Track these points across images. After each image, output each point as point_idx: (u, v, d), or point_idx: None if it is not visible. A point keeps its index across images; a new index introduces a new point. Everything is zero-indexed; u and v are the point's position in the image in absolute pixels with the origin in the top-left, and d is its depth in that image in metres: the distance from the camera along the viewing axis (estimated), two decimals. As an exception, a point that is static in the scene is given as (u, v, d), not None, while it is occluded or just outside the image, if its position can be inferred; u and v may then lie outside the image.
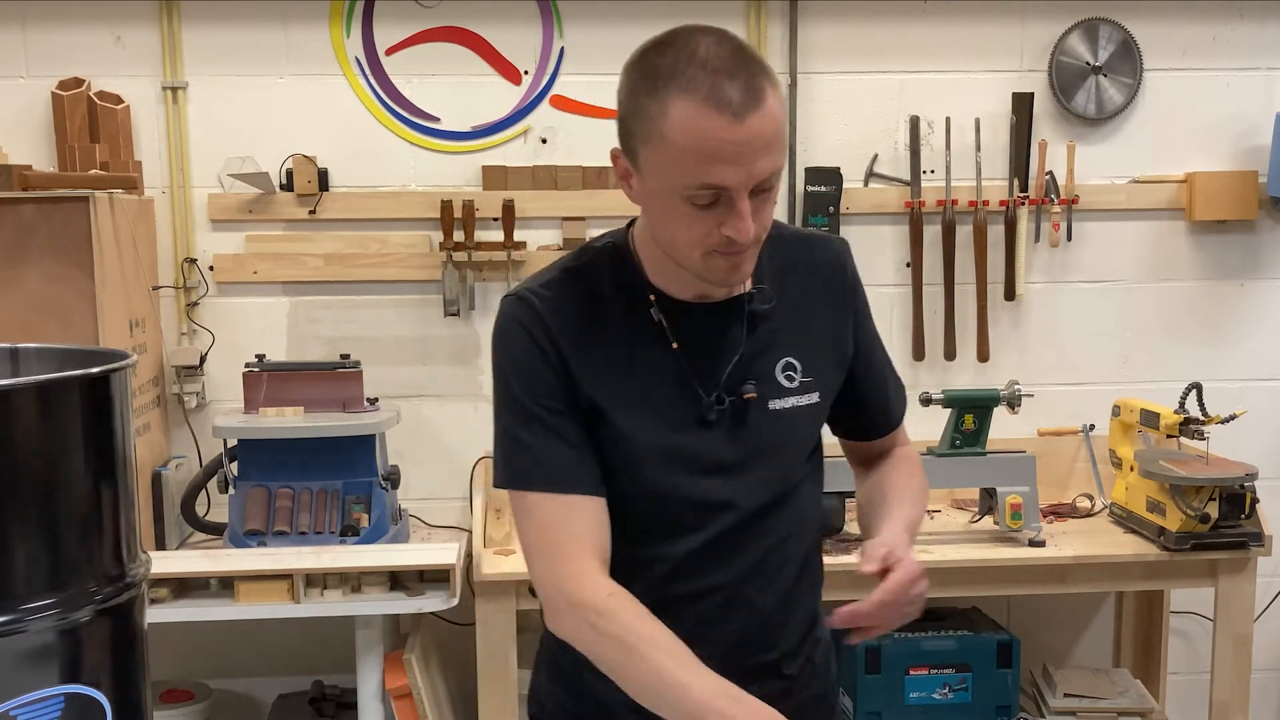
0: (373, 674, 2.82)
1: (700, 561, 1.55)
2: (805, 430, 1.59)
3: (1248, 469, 2.84)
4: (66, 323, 2.72)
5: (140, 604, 1.46)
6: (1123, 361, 3.43)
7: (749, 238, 1.39)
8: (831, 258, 1.64)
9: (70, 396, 1.35)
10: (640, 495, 1.53)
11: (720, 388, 1.52)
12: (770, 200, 1.43)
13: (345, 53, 3.23)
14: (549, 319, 1.51)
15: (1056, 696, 3.19)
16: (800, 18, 3.21)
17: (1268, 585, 3.32)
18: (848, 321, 1.63)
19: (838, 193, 3.27)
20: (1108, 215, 3.38)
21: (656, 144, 1.38)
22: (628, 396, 1.51)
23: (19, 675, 1.30)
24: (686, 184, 1.37)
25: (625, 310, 1.53)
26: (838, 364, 1.62)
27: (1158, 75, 3.35)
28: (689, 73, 1.35)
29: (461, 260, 3.22)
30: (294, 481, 2.96)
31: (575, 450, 1.51)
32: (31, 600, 1.30)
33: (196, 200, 3.24)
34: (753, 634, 1.59)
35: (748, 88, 1.34)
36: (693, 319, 1.53)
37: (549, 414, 1.50)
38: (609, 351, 1.52)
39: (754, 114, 1.34)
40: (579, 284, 1.54)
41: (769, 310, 1.56)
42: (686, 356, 1.52)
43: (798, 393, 1.56)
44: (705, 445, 1.53)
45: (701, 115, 1.33)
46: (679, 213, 1.40)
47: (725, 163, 1.35)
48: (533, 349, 1.50)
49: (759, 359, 1.55)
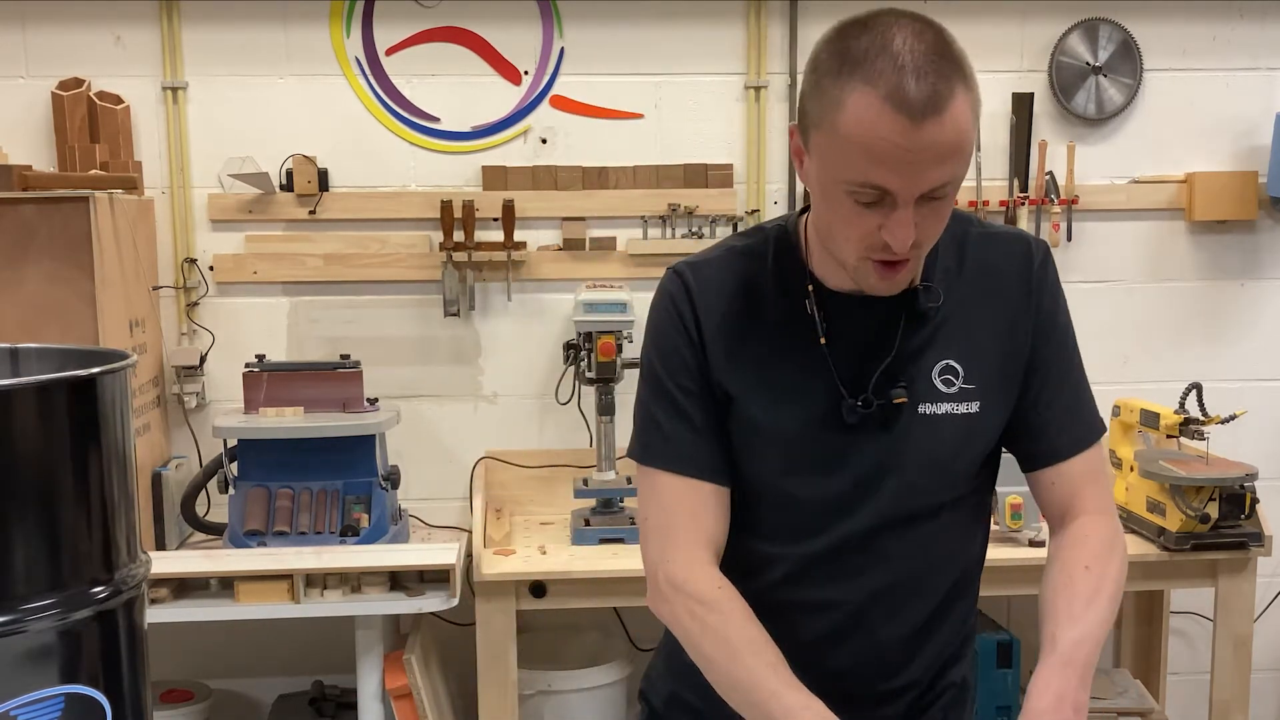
0: (373, 674, 2.82)
1: (817, 571, 1.48)
2: (959, 443, 1.46)
3: (1248, 469, 2.84)
4: (66, 323, 2.72)
5: (140, 604, 1.46)
6: (1123, 361, 3.43)
7: (906, 246, 1.30)
8: (1017, 256, 1.49)
9: (70, 397, 1.35)
10: (762, 489, 1.48)
11: (868, 389, 1.44)
12: (942, 210, 1.33)
13: (345, 53, 3.23)
14: (699, 297, 1.47)
15: (1056, 696, 3.18)
16: (800, 18, 3.22)
17: (1268, 585, 3.32)
18: (1026, 326, 1.48)
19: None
20: (1108, 215, 3.38)
21: (828, 131, 1.30)
22: (765, 386, 1.46)
23: (19, 675, 1.30)
24: (851, 179, 1.29)
25: (781, 297, 1.47)
26: (1009, 374, 1.48)
27: (1158, 75, 3.35)
28: (877, 65, 1.25)
29: (461, 260, 3.22)
30: (294, 481, 2.96)
31: (701, 434, 1.47)
32: (31, 600, 1.30)
33: (196, 200, 3.24)
34: (869, 665, 1.51)
35: (934, 90, 1.24)
36: (849, 313, 1.45)
37: (682, 393, 1.48)
38: (756, 338, 1.47)
39: (933, 120, 1.24)
40: (740, 264, 1.49)
41: (933, 310, 1.45)
42: (835, 352, 1.44)
43: (954, 399, 1.45)
44: (839, 447, 1.44)
45: (877, 112, 1.25)
46: (840, 205, 1.32)
47: (892, 167, 1.26)
48: (676, 325, 1.48)
49: (915, 360, 1.45)
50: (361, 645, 2.81)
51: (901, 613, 1.50)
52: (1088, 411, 1.53)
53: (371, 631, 2.80)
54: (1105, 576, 1.46)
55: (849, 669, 1.51)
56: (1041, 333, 1.49)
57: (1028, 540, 2.88)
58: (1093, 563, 1.47)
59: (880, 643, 1.50)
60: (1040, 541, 2.89)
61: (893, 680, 1.53)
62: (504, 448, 3.26)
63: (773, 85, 3.27)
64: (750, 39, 3.24)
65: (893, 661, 1.52)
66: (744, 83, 3.27)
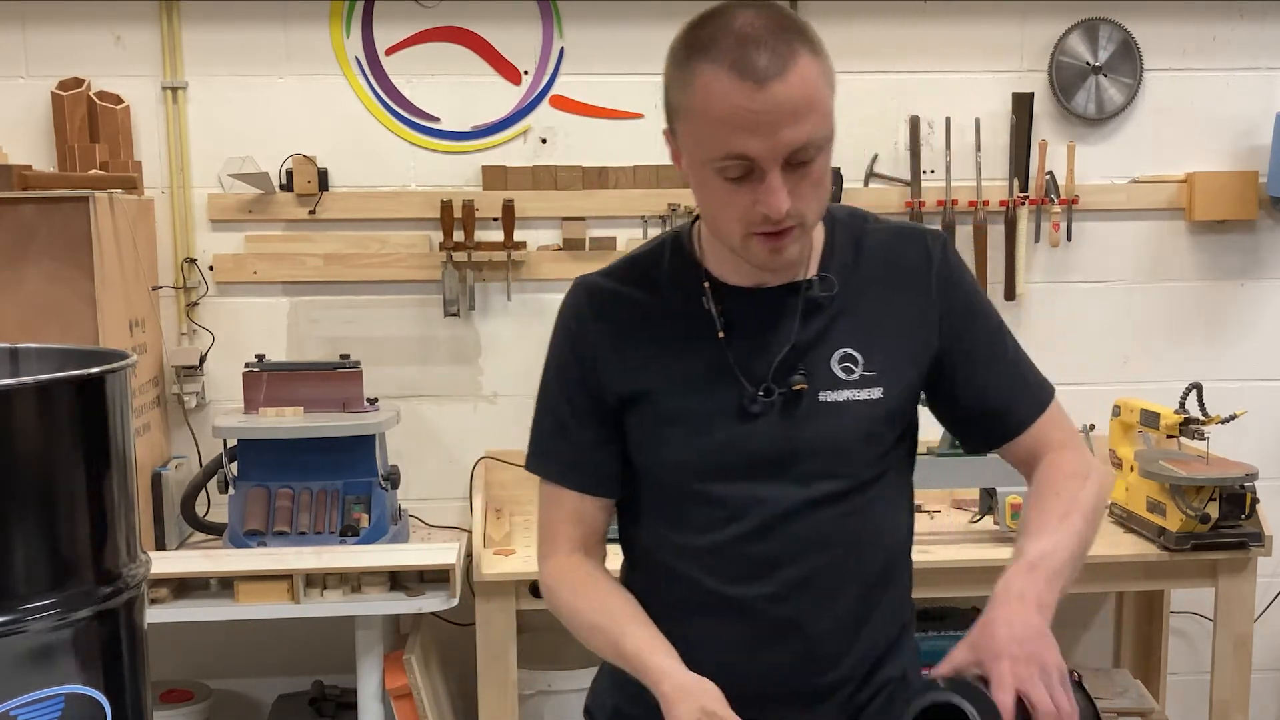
0: (373, 674, 2.82)
1: (737, 564, 1.49)
2: (863, 427, 1.48)
3: (1248, 469, 2.84)
4: (66, 323, 2.72)
5: (140, 604, 1.46)
6: (1123, 361, 3.43)
7: (780, 212, 1.34)
8: (918, 249, 1.53)
9: (70, 397, 1.35)
10: (675, 484, 1.51)
11: (768, 378, 1.47)
12: (811, 176, 1.36)
13: (345, 53, 3.23)
14: (594, 308, 1.53)
15: (1056, 696, 3.18)
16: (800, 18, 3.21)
17: (1268, 585, 3.32)
18: (932, 317, 1.51)
19: (838, 193, 3.27)
20: (1108, 215, 3.38)
21: (686, 116, 1.36)
22: (670, 383, 1.49)
23: (19, 675, 1.30)
24: (714, 155, 1.34)
25: (679, 297, 1.51)
26: (914, 362, 1.51)
27: (1158, 75, 3.35)
28: (721, 43, 1.32)
29: (461, 260, 3.22)
30: (294, 481, 2.96)
31: (583, 448, 1.54)
32: (31, 600, 1.30)
33: (196, 200, 3.24)
34: (800, 661, 1.51)
35: (775, 53, 1.30)
36: (746, 307, 1.49)
37: (568, 406, 1.54)
38: (658, 340, 1.51)
39: (778, 80, 1.30)
40: (639, 271, 1.55)
41: (828, 299, 1.49)
42: (735, 345, 1.48)
43: (855, 386, 1.48)
44: (746, 436, 1.47)
45: (723, 82, 1.31)
46: (714, 188, 1.37)
47: (748, 131, 1.31)
48: (568, 339, 1.55)
49: (814, 349, 1.48)
50: (361, 645, 2.81)
51: (827, 604, 1.50)
52: (1034, 379, 1.57)
53: (371, 631, 2.80)
54: (1076, 499, 1.47)
55: (780, 667, 1.50)
56: (960, 321, 1.53)
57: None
58: (1062, 488, 1.48)
59: (809, 637, 1.50)
60: (1040, 541, 2.88)
61: (826, 675, 1.52)
62: (504, 448, 3.26)
63: (773, 85, 3.27)
64: (750, 39, 3.23)
65: (824, 656, 1.51)
66: (744, 83, 3.26)
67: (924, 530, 2.99)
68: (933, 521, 3.11)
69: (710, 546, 1.49)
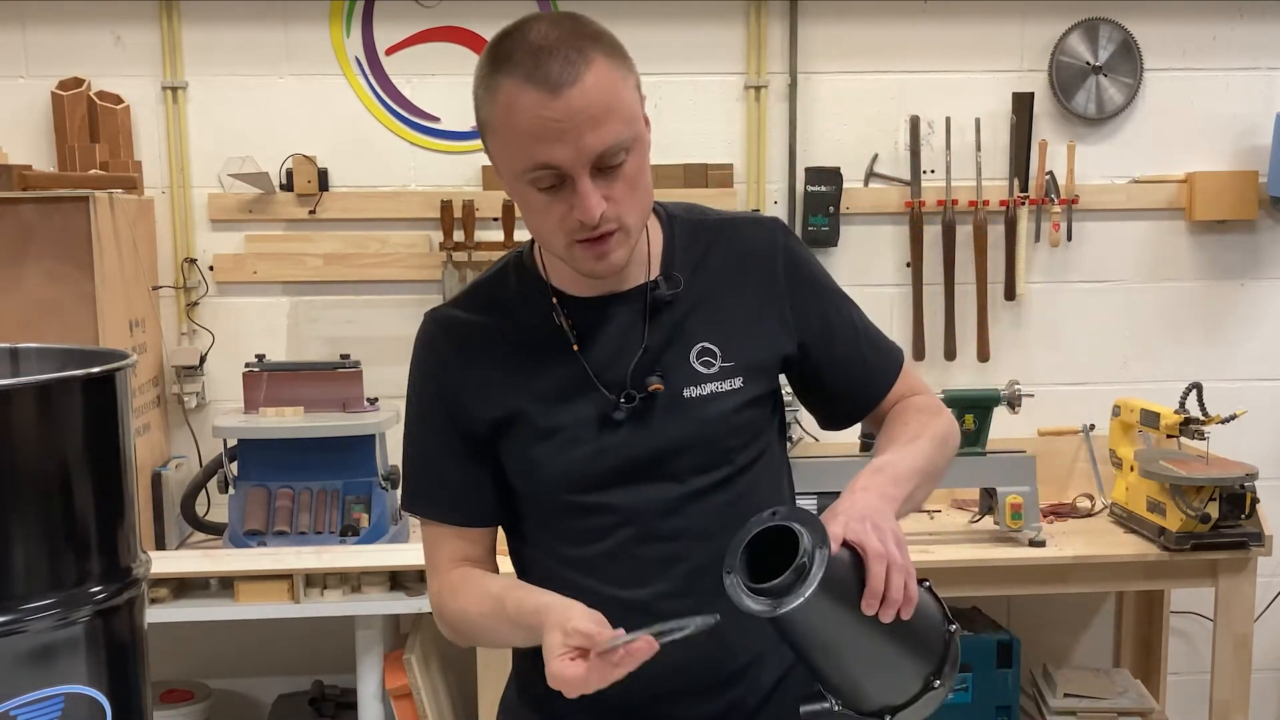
0: (373, 674, 2.82)
1: (631, 567, 1.49)
2: (730, 418, 1.50)
3: (1248, 469, 2.84)
4: (66, 323, 2.72)
5: (140, 604, 1.46)
6: (1123, 361, 3.43)
7: (593, 218, 1.35)
8: (760, 238, 1.55)
9: (70, 396, 1.35)
10: (555, 500, 1.51)
11: (627, 384, 1.48)
12: (624, 178, 1.37)
13: (345, 53, 3.23)
14: (449, 341, 1.53)
15: (1056, 696, 3.19)
16: (800, 18, 3.21)
17: (1268, 585, 3.32)
18: (782, 302, 1.54)
19: (838, 193, 3.27)
20: (1108, 215, 3.38)
21: (493, 132, 1.38)
22: (535, 402, 1.49)
23: (19, 675, 1.30)
24: (523, 167, 1.36)
25: (530, 315, 1.51)
26: (770, 348, 1.53)
27: (1158, 75, 3.35)
28: (515, 56, 1.33)
29: (461, 260, 3.22)
30: (294, 481, 2.96)
31: (454, 482, 1.55)
32: (31, 600, 1.30)
33: (196, 200, 3.24)
34: (710, 650, 1.48)
35: (568, 61, 1.31)
36: (596, 316, 1.50)
37: (437, 442, 1.55)
38: (517, 361, 1.51)
39: (573, 86, 1.31)
40: (486, 297, 1.55)
41: (675, 297, 1.50)
42: (590, 356, 1.49)
43: (717, 378, 1.49)
44: (615, 444, 1.48)
45: (521, 94, 1.32)
46: (531, 200, 1.39)
47: (550, 140, 1.32)
48: (426, 373, 1.55)
49: (670, 348, 1.49)
50: (361, 645, 2.81)
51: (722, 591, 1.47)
52: (884, 345, 1.62)
53: (371, 631, 2.81)
54: (925, 425, 1.52)
55: (689, 661, 1.49)
56: (810, 303, 1.55)
57: (1028, 540, 2.88)
58: (912, 419, 1.54)
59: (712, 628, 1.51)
60: (1040, 541, 2.88)
61: (735, 660, 1.53)
62: (504, 448, 3.25)
63: (773, 85, 3.27)
64: (750, 39, 3.24)
65: (729, 643, 1.50)
66: (744, 83, 3.27)
67: (924, 530, 3.00)
68: (933, 521, 3.11)
69: (601, 554, 1.49)
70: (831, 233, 3.28)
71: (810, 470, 2.75)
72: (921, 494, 1.45)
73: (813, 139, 3.31)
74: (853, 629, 1.26)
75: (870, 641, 1.28)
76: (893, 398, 1.60)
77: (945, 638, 1.35)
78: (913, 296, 3.35)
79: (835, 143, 3.32)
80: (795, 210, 3.28)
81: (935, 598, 1.37)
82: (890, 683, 1.33)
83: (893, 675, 1.32)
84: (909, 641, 1.31)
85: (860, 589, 1.25)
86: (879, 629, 1.26)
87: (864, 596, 1.24)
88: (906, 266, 3.35)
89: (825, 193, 3.27)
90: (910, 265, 3.35)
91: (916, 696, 1.33)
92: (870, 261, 3.34)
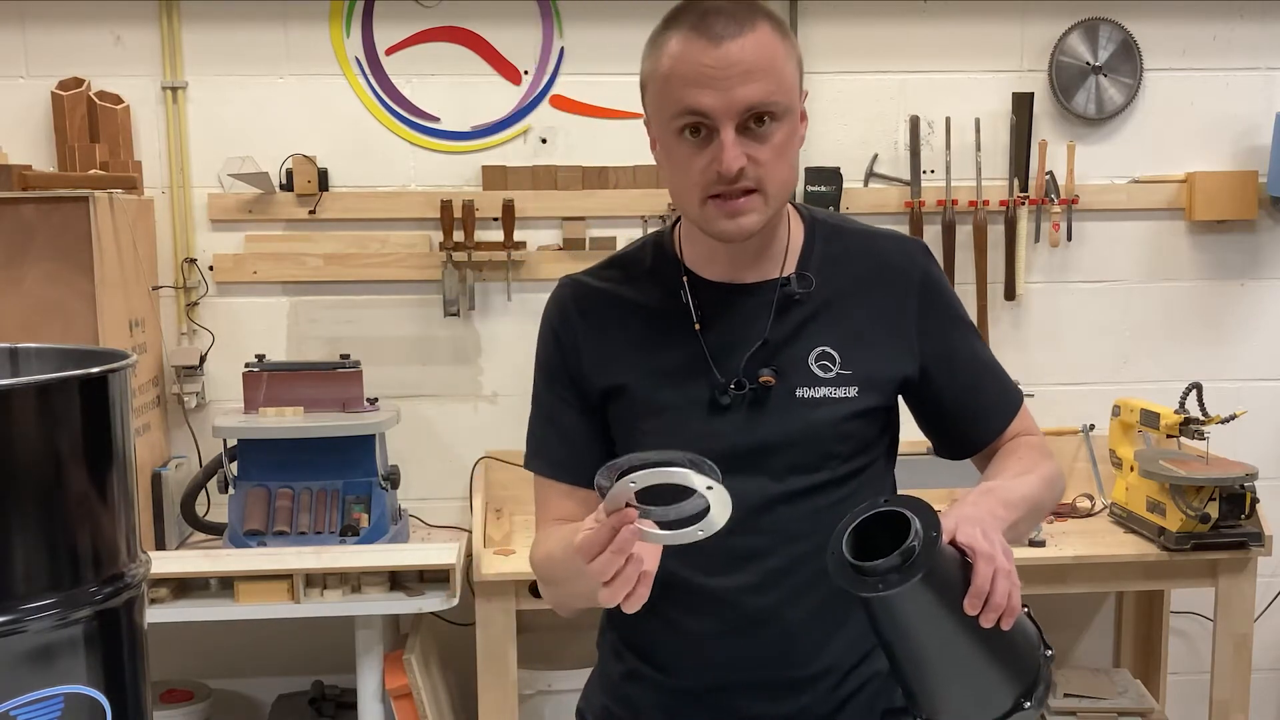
0: (373, 674, 2.82)
1: (712, 556, 1.45)
2: (839, 423, 1.50)
3: (1248, 469, 2.84)
4: (66, 323, 2.72)
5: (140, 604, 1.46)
6: (1123, 361, 3.43)
7: (732, 169, 1.38)
8: (899, 257, 1.57)
9: (70, 396, 1.35)
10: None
11: (740, 372, 1.49)
12: (769, 144, 1.41)
13: (345, 53, 3.23)
14: (578, 304, 1.57)
15: (1056, 696, 3.19)
16: (800, 18, 3.21)
17: (1268, 585, 3.32)
18: (910, 324, 1.54)
19: (838, 193, 3.27)
20: (1108, 215, 3.38)
21: (652, 83, 1.44)
22: (648, 374, 1.52)
23: (19, 675, 1.30)
24: (672, 113, 1.40)
25: (660, 293, 1.55)
26: (890, 365, 1.53)
27: (1158, 75, 3.35)
28: (685, 16, 1.41)
29: (461, 260, 3.22)
30: (294, 481, 2.96)
31: (570, 442, 1.57)
32: (31, 600, 1.30)
33: (196, 200, 3.24)
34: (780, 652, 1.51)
35: (734, 19, 1.38)
36: (723, 301, 1.52)
37: (555, 400, 1.59)
38: (638, 334, 1.54)
39: (734, 40, 1.37)
40: (622, 269, 1.60)
41: (805, 296, 1.51)
42: (710, 338, 1.51)
43: (832, 384, 1.50)
44: (718, 428, 1.49)
45: (684, 43, 1.39)
46: (676, 153, 1.42)
47: (703, 86, 1.37)
48: (552, 336, 1.59)
49: (790, 346, 1.51)
50: (361, 645, 2.81)
51: (805, 596, 1.51)
52: (1007, 385, 1.63)
53: (371, 631, 2.81)
54: (1036, 464, 1.53)
55: (759, 658, 1.51)
56: (941, 328, 1.56)
57: (1027, 540, 2.88)
58: (1024, 454, 1.55)
59: (788, 629, 1.51)
60: (1040, 541, 2.89)
61: (808, 667, 1.53)
62: (504, 448, 3.26)
63: (773, 85, 3.27)
64: (750, 39, 3.24)
65: (803, 648, 1.52)
66: (744, 83, 3.27)
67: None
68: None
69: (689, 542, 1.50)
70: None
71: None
72: (1025, 527, 1.45)
73: (813, 139, 3.30)
74: (951, 630, 1.24)
75: (967, 646, 1.26)
76: (1007, 436, 1.60)
77: (1040, 661, 1.33)
78: (913, 296, 3.34)
79: (835, 143, 3.32)
80: (795, 210, 3.28)
81: (1034, 622, 1.36)
82: (980, 695, 1.30)
83: (984, 687, 1.30)
84: (1004, 655, 1.29)
85: (964, 589, 1.23)
86: (977, 635, 1.24)
87: (968, 596, 1.23)
88: (906, 266, 3.35)
89: (825, 193, 3.27)
90: (910, 265, 3.34)
91: (1006, 715, 1.30)
92: (870, 261, 3.33)
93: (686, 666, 1.52)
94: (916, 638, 1.26)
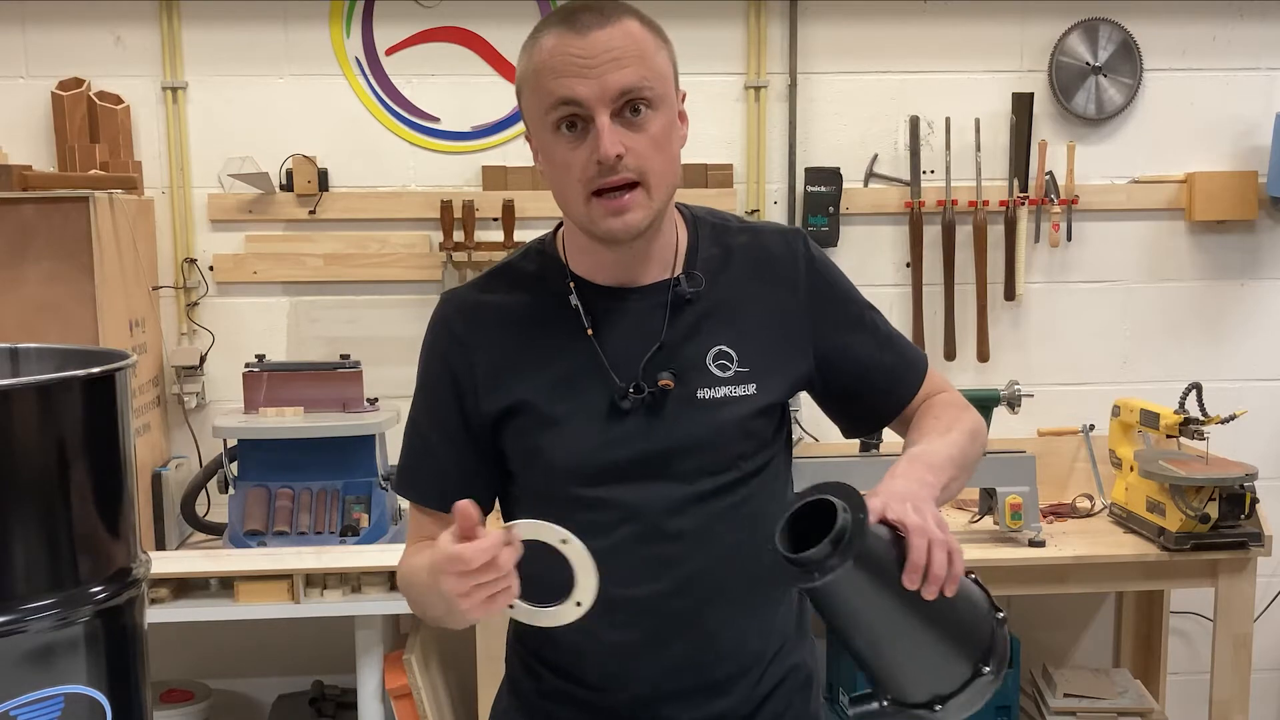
0: (373, 674, 2.82)
1: (628, 565, 1.47)
2: (739, 423, 1.49)
3: (1248, 469, 2.84)
4: (66, 323, 2.72)
5: (140, 604, 1.46)
6: (1123, 361, 3.43)
7: (609, 155, 1.36)
8: (782, 248, 1.56)
9: (70, 396, 1.35)
10: (556, 490, 1.50)
11: (638, 376, 1.47)
12: (646, 133, 1.40)
13: (345, 53, 3.23)
14: (463, 322, 1.53)
15: (1056, 696, 3.19)
16: (800, 18, 3.21)
17: (1268, 585, 3.32)
18: (802, 314, 1.54)
19: (837, 193, 3.27)
20: (1108, 215, 3.38)
21: (526, 85, 1.43)
22: (546, 386, 1.49)
23: (19, 675, 1.30)
24: (546, 107, 1.40)
25: (548, 301, 1.51)
26: (787, 357, 1.53)
27: (1158, 75, 3.35)
28: (554, 16, 1.42)
29: (461, 260, 3.22)
30: (294, 481, 2.96)
31: (445, 470, 1.54)
32: (31, 600, 1.30)
33: (196, 200, 3.24)
34: (698, 655, 1.51)
35: (601, 13, 1.39)
36: (614, 305, 1.50)
37: (434, 422, 1.55)
38: (530, 345, 1.51)
39: (601, 29, 1.38)
40: (505, 278, 1.56)
41: (696, 295, 1.50)
42: (605, 343, 1.48)
43: (731, 382, 1.49)
44: (621, 435, 1.47)
45: (552, 38, 1.40)
46: (555, 153, 1.41)
47: (574, 75, 1.37)
48: (438, 359, 1.54)
49: (686, 346, 1.49)
50: (361, 645, 2.81)
51: (721, 597, 1.50)
52: (909, 352, 1.61)
53: (371, 631, 2.81)
54: (957, 419, 1.53)
55: (681, 663, 1.51)
56: (833, 312, 1.56)
57: (1027, 540, 2.88)
58: (942, 413, 1.54)
59: (707, 631, 1.50)
60: (1040, 542, 2.88)
61: (725, 668, 1.52)
62: (504, 448, 3.25)
63: (773, 85, 3.27)
64: (750, 39, 3.24)
65: (722, 649, 1.51)
66: (744, 83, 3.27)
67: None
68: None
69: (600, 551, 1.46)
70: (831, 233, 3.28)
71: (810, 470, 2.75)
72: (956, 486, 1.45)
73: (812, 139, 3.31)
74: (896, 607, 1.24)
75: (915, 621, 1.26)
76: (918, 401, 1.60)
77: (992, 625, 1.33)
78: (912, 297, 3.35)
79: (835, 143, 3.32)
80: (795, 210, 3.28)
81: (980, 587, 1.36)
82: (937, 668, 1.30)
83: (940, 660, 1.30)
84: (955, 624, 1.29)
85: (902, 566, 1.23)
86: (923, 609, 1.24)
87: (905, 570, 1.23)
88: (906, 267, 3.35)
89: (825, 193, 3.27)
90: (910, 266, 3.35)
91: (966, 684, 1.30)
92: (870, 262, 3.34)
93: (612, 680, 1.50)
94: (863, 620, 1.27)
